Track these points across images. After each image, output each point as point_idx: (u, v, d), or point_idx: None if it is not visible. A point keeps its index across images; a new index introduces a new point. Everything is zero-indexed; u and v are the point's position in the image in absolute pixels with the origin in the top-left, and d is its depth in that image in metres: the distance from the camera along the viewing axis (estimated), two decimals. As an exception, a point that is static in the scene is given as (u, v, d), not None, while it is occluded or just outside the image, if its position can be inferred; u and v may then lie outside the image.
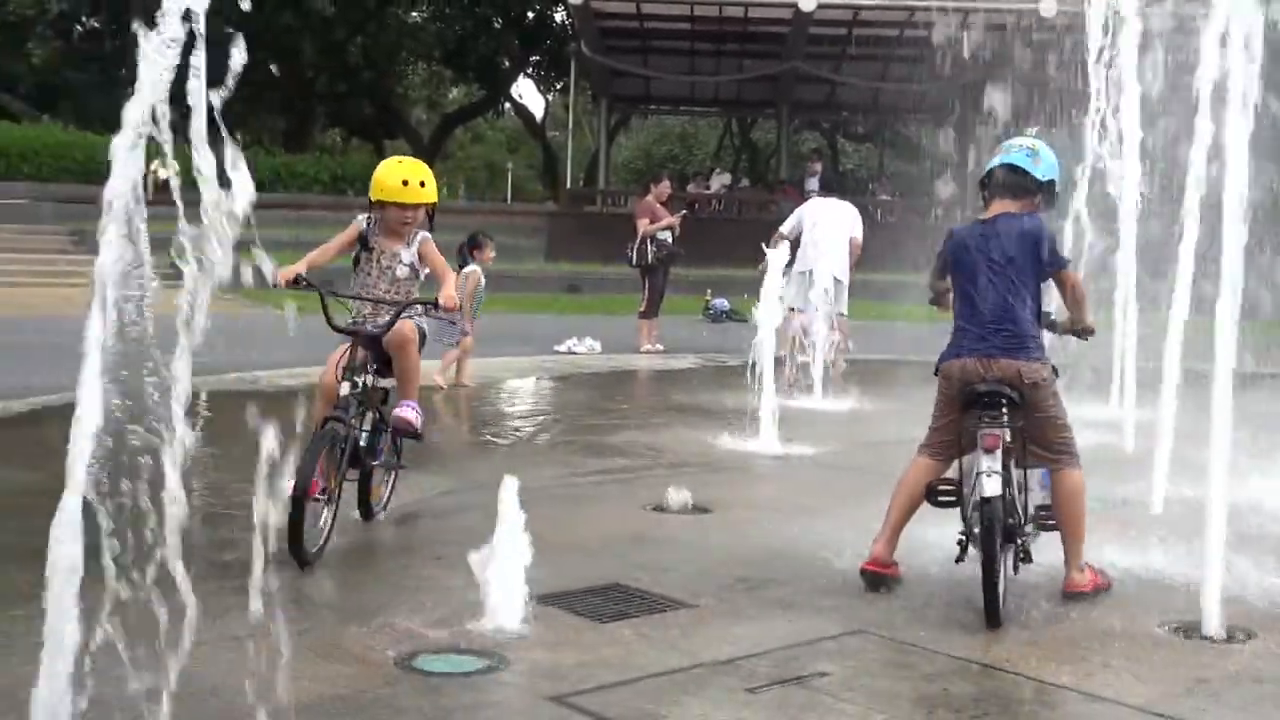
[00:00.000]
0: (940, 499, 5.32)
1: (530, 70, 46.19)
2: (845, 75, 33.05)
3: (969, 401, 5.22)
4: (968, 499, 5.16)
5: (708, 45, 32.47)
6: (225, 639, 4.31)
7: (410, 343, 6.04)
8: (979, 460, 5.07)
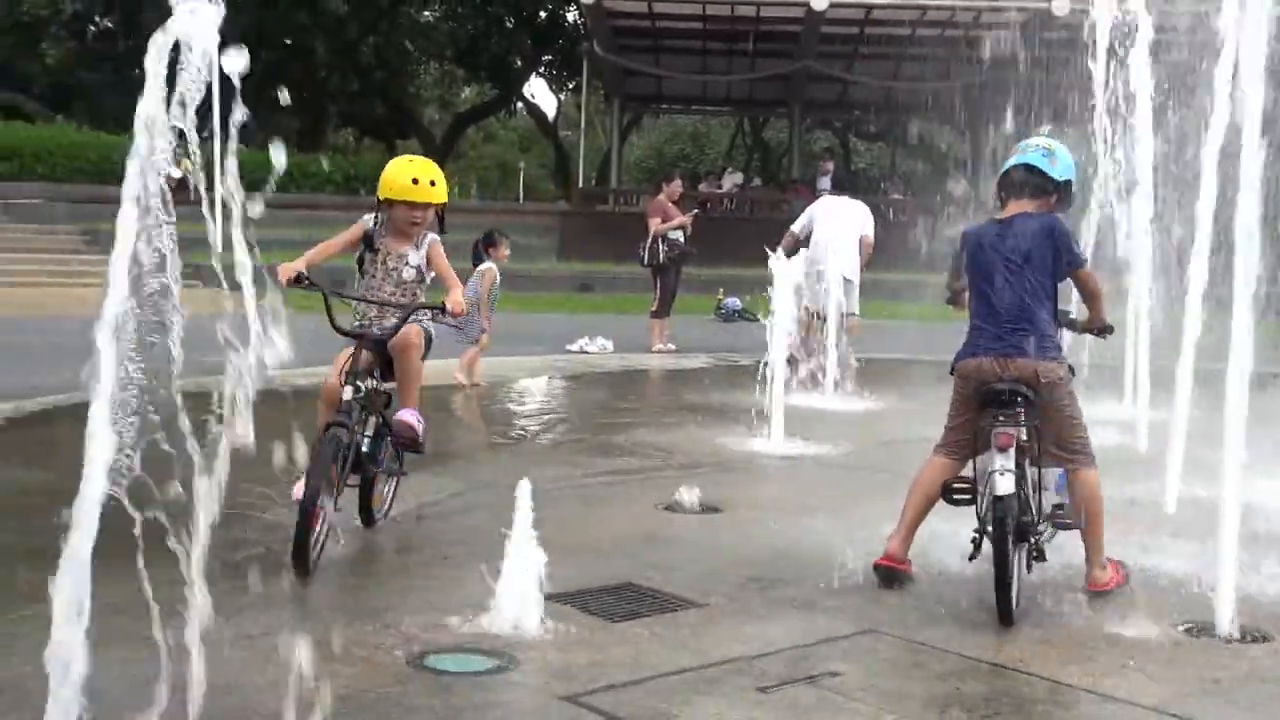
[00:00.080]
0: (956, 497, 5.33)
1: (542, 70, 46.22)
2: (857, 74, 33.03)
3: (985, 401, 5.22)
4: (983, 497, 5.16)
5: (720, 44, 32.46)
6: (238, 638, 4.32)
7: (414, 348, 5.92)
8: (992, 459, 5.07)
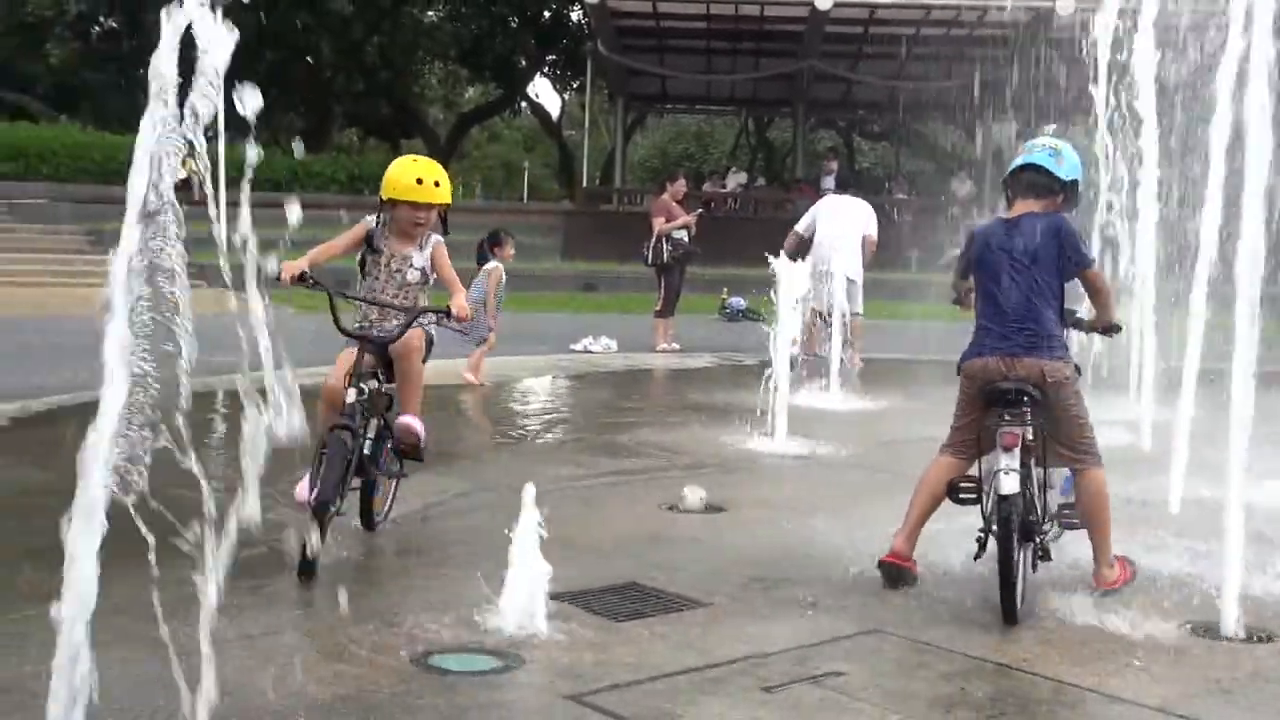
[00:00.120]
0: (962, 497, 5.34)
1: (546, 69, 46.19)
2: (861, 74, 33.01)
3: (991, 400, 5.22)
4: (988, 497, 5.16)
5: (724, 44, 32.44)
6: (240, 638, 4.32)
7: (416, 352, 5.86)
8: (997, 458, 5.07)
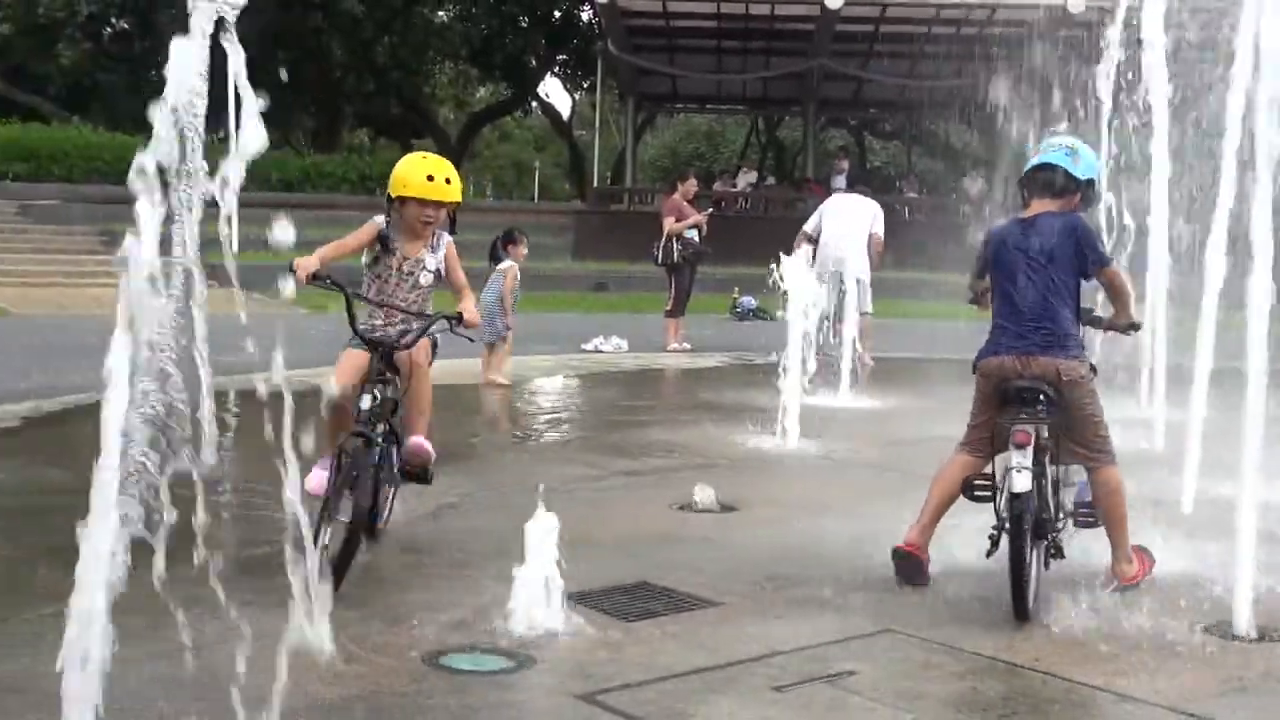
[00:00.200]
0: (977, 494, 5.35)
1: (557, 69, 46.18)
2: (872, 72, 32.99)
3: (1006, 399, 5.23)
4: (1002, 494, 5.15)
5: (734, 43, 32.44)
6: (249, 636, 4.33)
7: (420, 366, 5.67)
8: (1010, 456, 5.07)
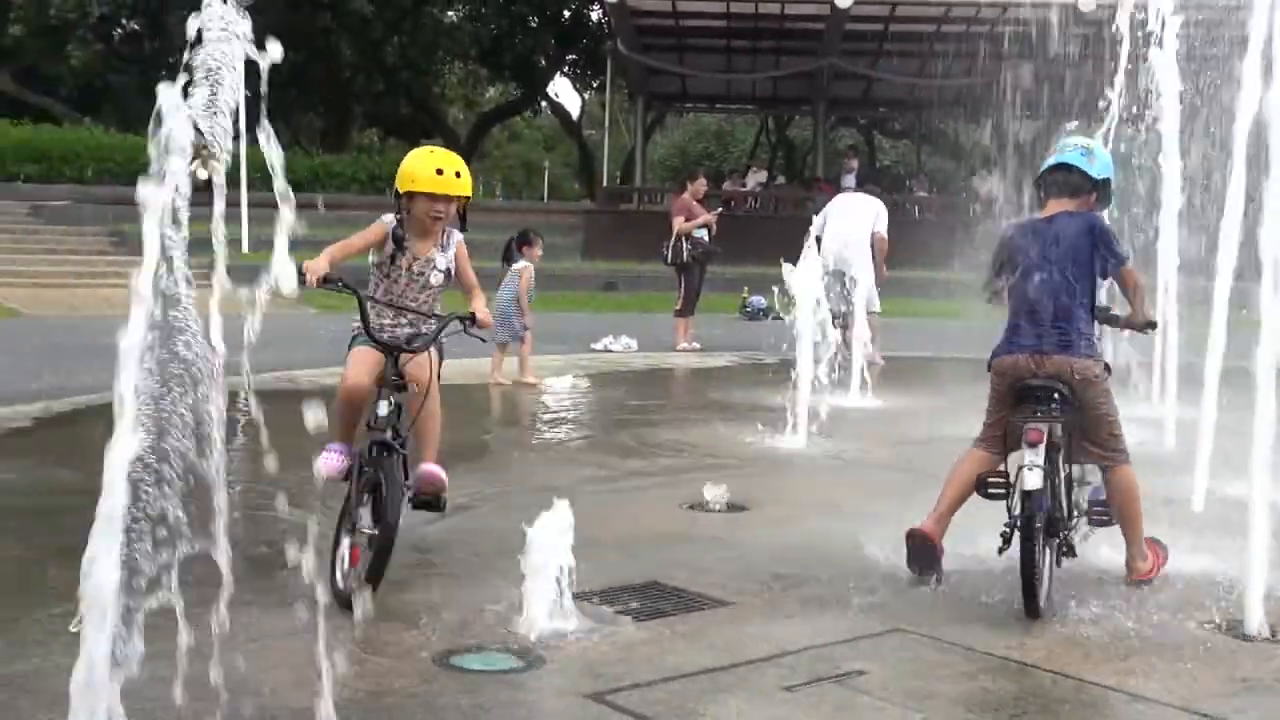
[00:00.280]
0: (990, 492, 5.36)
1: (566, 69, 46.20)
2: (882, 71, 32.93)
3: (1020, 397, 5.25)
4: (1015, 492, 5.16)
5: (744, 43, 32.41)
6: (259, 637, 4.34)
7: (434, 392, 5.38)
8: (1022, 454, 5.07)
